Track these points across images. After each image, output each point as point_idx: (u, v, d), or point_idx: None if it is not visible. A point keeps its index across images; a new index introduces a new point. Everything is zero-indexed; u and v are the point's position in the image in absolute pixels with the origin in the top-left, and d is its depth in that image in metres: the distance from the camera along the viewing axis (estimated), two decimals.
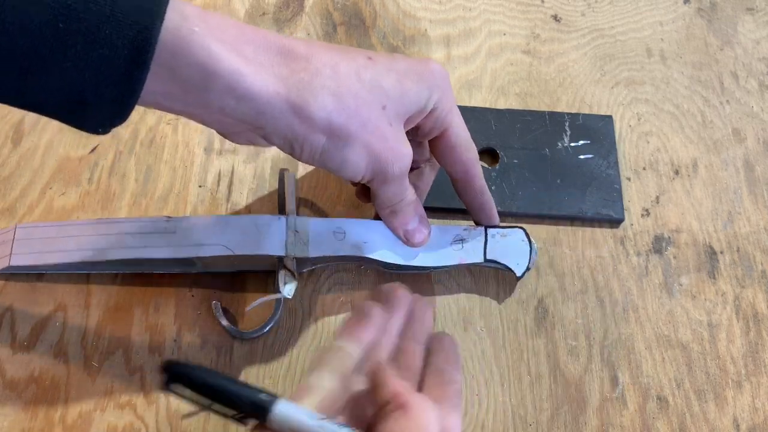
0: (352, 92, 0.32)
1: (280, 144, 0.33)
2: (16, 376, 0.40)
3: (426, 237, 0.40)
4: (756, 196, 0.49)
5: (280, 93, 0.30)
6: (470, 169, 0.39)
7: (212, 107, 0.30)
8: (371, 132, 0.33)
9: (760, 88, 0.54)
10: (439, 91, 0.35)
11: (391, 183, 0.36)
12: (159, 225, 0.40)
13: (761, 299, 0.45)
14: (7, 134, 0.48)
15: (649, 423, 0.40)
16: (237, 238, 0.39)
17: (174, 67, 0.28)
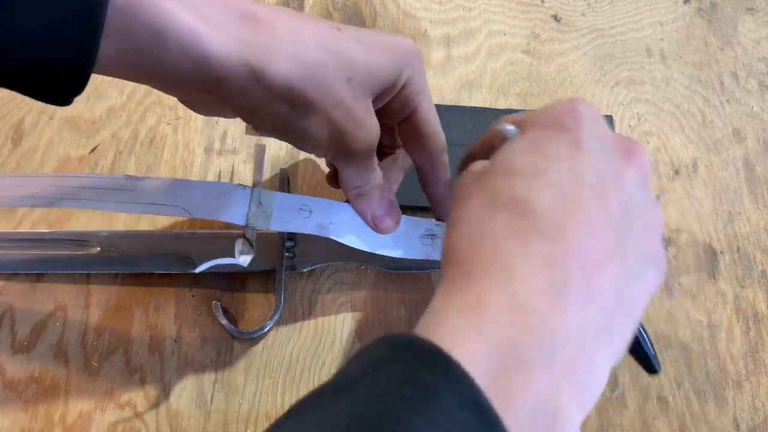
0: (315, 60, 0.30)
1: (242, 113, 0.31)
2: (16, 376, 0.40)
3: (394, 225, 0.38)
4: (756, 196, 0.49)
5: (238, 56, 0.28)
6: (436, 157, 0.37)
7: (167, 70, 0.28)
8: (335, 104, 0.31)
9: (760, 88, 0.54)
10: (410, 68, 0.33)
11: (357, 161, 0.34)
12: (118, 182, 0.38)
13: (761, 299, 0.45)
14: (7, 134, 0.48)
15: (649, 423, 0.40)
16: (196, 201, 0.37)
17: (127, 29, 0.26)
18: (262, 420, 0.39)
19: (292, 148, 0.49)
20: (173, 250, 0.43)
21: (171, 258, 0.43)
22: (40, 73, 0.26)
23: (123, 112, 0.49)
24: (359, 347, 0.22)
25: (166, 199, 0.37)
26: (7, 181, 0.39)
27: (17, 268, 0.43)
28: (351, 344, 0.42)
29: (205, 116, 0.36)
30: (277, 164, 0.48)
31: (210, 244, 0.43)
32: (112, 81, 0.51)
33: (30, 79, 0.27)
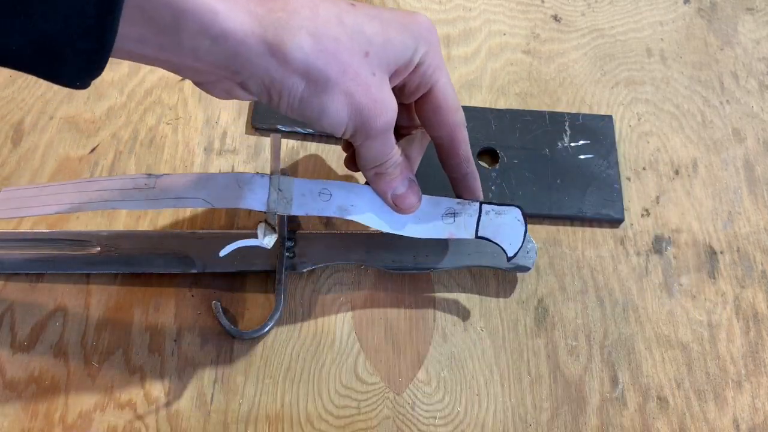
0: (332, 35, 0.30)
1: (258, 91, 0.31)
2: (16, 376, 0.40)
3: (416, 203, 0.38)
4: (756, 196, 0.49)
5: (255, 32, 0.29)
6: (457, 132, 0.37)
7: (185, 50, 0.28)
8: (352, 79, 0.31)
9: (760, 88, 0.54)
10: (427, 44, 0.33)
11: (375, 138, 0.34)
12: (139, 181, 0.38)
13: (761, 299, 0.45)
14: (7, 134, 0.48)
15: (649, 423, 0.40)
16: (217, 192, 0.37)
17: (145, 8, 0.27)
18: (262, 420, 0.39)
19: (292, 148, 0.49)
20: (173, 250, 0.43)
21: (171, 258, 0.43)
22: (59, 55, 0.26)
23: (123, 112, 0.49)
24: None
25: (187, 192, 0.38)
26: (29, 192, 0.40)
27: (17, 268, 0.43)
28: (351, 344, 0.42)
29: (220, 99, 0.35)
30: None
31: (210, 244, 0.43)
32: (112, 81, 0.51)
33: (48, 61, 0.27)
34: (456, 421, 0.40)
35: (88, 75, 0.28)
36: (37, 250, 0.43)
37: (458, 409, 0.40)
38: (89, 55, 0.27)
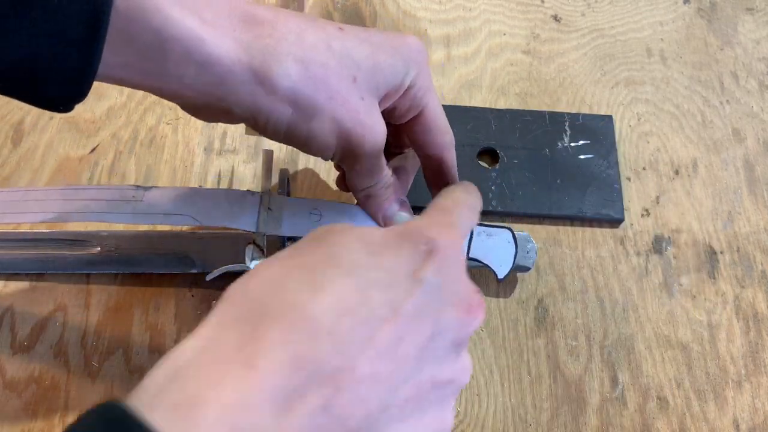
0: (319, 61, 0.30)
1: (245, 117, 0.31)
2: (16, 376, 0.40)
3: None
4: (756, 196, 0.49)
5: (242, 59, 0.28)
6: (445, 153, 0.36)
7: (171, 76, 0.28)
8: (341, 104, 0.30)
9: (760, 88, 0.54)
10: (417, 67, 0.33)
11: (364, 162, 0.33)
12: (126, 193, 0.38)
13: (761, 299, 0.45)
14: (7, 134, 0.48)
15: (649, 423, 0.40)
16: (206, 210, 0.37)
17: (130, 34, 0.26)
18: None
19: (292, 149, 0.49)
20: (173, 250, 0.43)
21: (171, 258, 0.43)
22: (43, 81, 0.26)
23: (123, 112, 0.50)
24: None
25: (176, 208, 0.37)
26: (14, 196, 0.39)
27: (17, 268, 0.43)
28: None
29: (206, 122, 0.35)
30: (277, 164, 0.48)
31: (210, 244, 0.43)
32: None
33: (32, 86, 0.27)
34: (456, 420, 0.40)
35: (72, 100, 0.27)
36: (37, 250, 0.43)
37: (458, 409, 0.40)
38: (72, 80, 0.26)
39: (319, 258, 0.25)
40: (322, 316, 0.23)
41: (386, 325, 0.24)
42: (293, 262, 0.25)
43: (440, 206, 0.31)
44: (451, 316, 0.26)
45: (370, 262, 0.25)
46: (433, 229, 0.27)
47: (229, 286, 0.25)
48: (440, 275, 0.26)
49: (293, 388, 0.21)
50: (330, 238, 0.26)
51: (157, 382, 0.21)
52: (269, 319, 0.22)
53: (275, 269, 0.25)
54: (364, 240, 0.26)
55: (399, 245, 0.26)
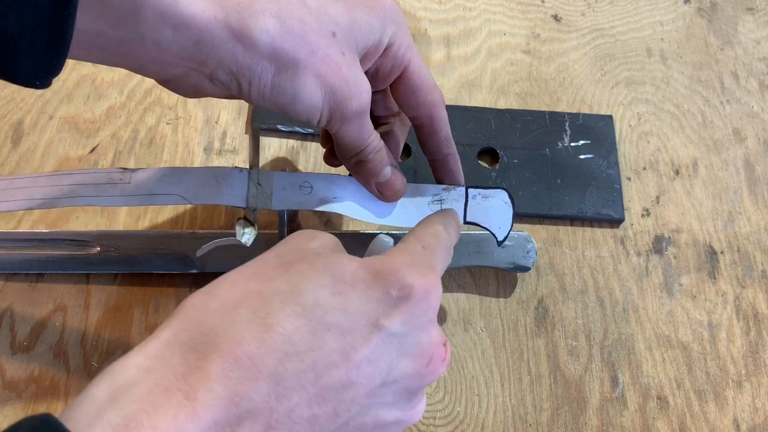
0: (296, 16, 0.29)
1: (227, 80, 0.30)
2: (16, 376, 0.40)
3: (401, 188, 0.36)
4: (756, 196, 0.49)
5: (218, 17, 0.28)
6: (435, 111, 0.36)
7: (147, 42, 0.27)
8: (322, 60, 0.30)
9: (760, 88, 0.54)
10: (394, 24, 0.32)
11: (352, 122, 0.32)
12: (113, 176, 0.37)
13: (761, 299, 0.45)
14: (7, 134, 0.48)
15: (649, 423, 0.40)
16: (194, 188, 0.37)
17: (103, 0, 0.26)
18: None
19: (292, 148, 0.49)
20: (173, 250, 0.43)
21: (171, 258, 0.43)
22: (14, 54, 0.25)
23: (123, 112, 0.50)
24: None
25: (163, 188, 0.37)
26: (1, 184, 0.39)
27: (17, 268, 0.43)
28: None
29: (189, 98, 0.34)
30: (278, 164, 0.48)
31: None
32: (111, 81, 0.51)
33: (5, 59, 0.25)
34: (456, 421, 0.40)
35: (47, 73, 0.26)
36: (37, 250, 0.43)
37: (458, 409, 0.40)
38: (47, 51, 0.25)
39: (282, 288, 0.25)
40: (266, 357, 0.23)
41: (334, 370, 0.24)
42: (254, 286, 0.25)
43: (422, 242, 0.30)
44: (407, 367, 0.26)
45: (332, 302, 0.25)
46: (410, 273, 0.27)
47: (188, 298, 0.25)
48: (405, 326, 0.26)
49: (227, 422, 0.22)
50: (299, 266, 0.26)
51: (98, 399, 0.22)
52: (216, 352, 0.23)
53: (235, 292, 0.25)
54: (335, 275, 0.26)
55: (370, 286, 0.26)
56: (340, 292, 0.25)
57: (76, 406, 0.22)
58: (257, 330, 0.23)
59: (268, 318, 0.24)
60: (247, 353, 0.23)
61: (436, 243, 0.31)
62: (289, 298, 0.25)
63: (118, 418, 0.21)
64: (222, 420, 0.22)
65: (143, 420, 0.21)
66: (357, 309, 0.25)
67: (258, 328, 0.24)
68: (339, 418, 0.24)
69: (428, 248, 0.30)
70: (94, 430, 0.21)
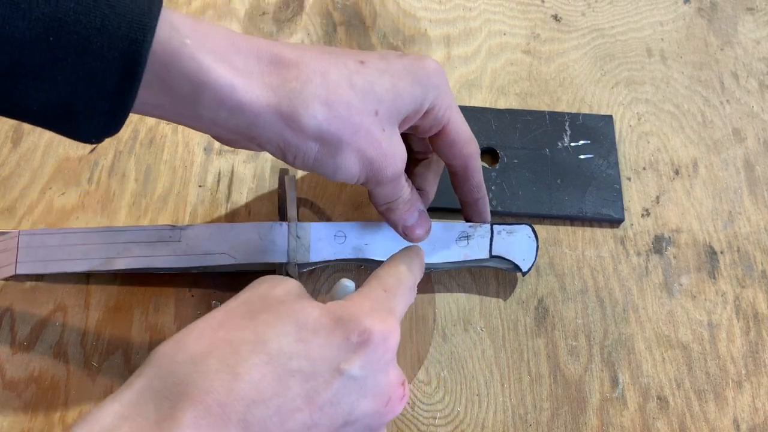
0: (343, 100, 0.31)
1: (273, 151, 0.33)
2: (16, 376, 0.40)
3: (425, 232, 0.39)
4: (756, 196, 0.49)
5: (270, 104, 0.30)
6: (470, 163, 0.39)
7: (203, 119, 0.30)
8: (363, 137, 0.32)
9: (760, 88, 0.54)
10: (435, 90, 0.35)
11: (386, 185, 0.35)
12: (164, 234, 0.40)
13: (761, 299, 0.45)
14: (7, 134, 0.48)
15: (649, 423, 0.40)
16: (240, 246, 0.40)
17: (165, 79, 0.28)
18: None
19: None
20: None
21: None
22: (77, 121, 0.28)
23: None
24: None
25: (212, 247, 0.40)
26: (52, 240, 0.41)
27: None
28: None
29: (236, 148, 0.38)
30: (278, 164, 0.48)
31: None
32: None
33: (66, 124, 0.28)
34: (456, 421, 0.40)
35: (104, 135, 0.29)
36: None
37: (458, 409, 0.40)
38: (106, 120, 0.28)
39: (248, 337, 0.27)
40: (235, 405, 0.25)
41: (298, 414, 0.26)
42: (222, 335, 0.27)
43: (383, 284, 0.32)
44: (367, 407, 0.28)
45: (296, 349, 0.27)
46: (369, 318, 0.28)
47: (159, 347, 0.27)
48: (365, 369, 0.28)
49: None
50: (264, 315, 0.28)
51: None
52: (187, 400, 0.24)
53: (203, 342, 0.27)
54: (298, 322, 0.28)
55: (332, 332, 0.28)
56: (303, 339, 0.27)
57: None
58: (226, 379, 0.25)
59: (236, 367, 0.25)
60: (216, 401, 0.24)
61: (397, 284, 0.33)
62: (255, 347, 0.26)
63: None
64: None
65: None
66: (319, 355, 0.27)
67: (227, 377, 0.25)
68: None
69: (389, 291, 0.32)
70: None
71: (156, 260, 0.40)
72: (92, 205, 0.45)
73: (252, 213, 0.46)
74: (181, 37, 0.28)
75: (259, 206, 0.46)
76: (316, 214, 0.46)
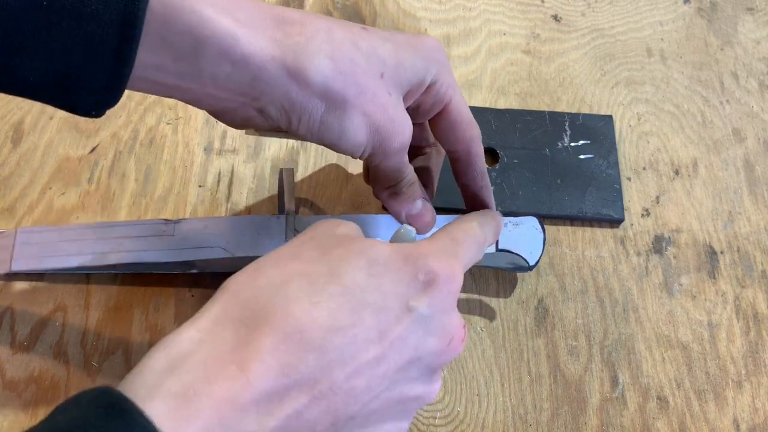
0: (348, 57, 0.31)
1: (277, 115, 0.31)
2: (16, 376, 0.40)
3: (430, 222, 0.38)
4: (756, 196, 0.49)
5: (275, 56, 0.29)
6: (473, 147, 0.37)
7: (205, 77, 0.29)
8: (370, 99, 0.31)
9: (760, 88, 0.54)
10: (437, 64, 0.34)
11: (392, 158, 0.34)
12: (158, 228, 0.40)
13: (761, 299, 0.45)
14: (7, 134, 0.48)
15: (649, 423, 0.40)
16: (235, 239, 0.39)
17: (165, 35, 0.27)
18: None
19: (292, 148, 0.49)
20: None
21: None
22: (75, 89, 0.27)
23: (123, 112, 0.49)
24: None
25: (206, 241, 0.39)
26: (49, 236, 0.41)
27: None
28: None
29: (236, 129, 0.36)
30: (278, 164, 0.48)
31: None
32: None
33: (64, 93, 0.27)
34: (456, 421, 0.40)
35: (105, 105, 0.28)
36: None
37: (458, 409, 0.40)
38: (105, 87, 0.27)
39: (323, 270, 0.27)
40: (313, 332, 0.25)
41: (371, 346, 0.26)
42: (298, 266, 0.27)
43: (451, 234, 0.32)
44: (432, 345, 0.28)
45: (369, 283, 0.27)
46: (436, 260, 0.29)
47: (231, 278, 0.27)
48: (431, 308, 0.28)
49: (276, 392, 0.24)
50: (336, 250, 0.28)
51: (155, 369, 0.23)
52: (265, 325, 0.25)
53: (280, 271, 0.27)
54: (369, 258, 0.28)
55: (401, 269, 0.28)
56: (374, 274, 0.27)
57: (133, 377, 0.23)
58: (305, 306, 0.25)
59: (314, 296, 0.26)
60: (296, 327, 0.24)
61: (465, 237, 0.32)
62: (331, 279, 0.26)
63: (177, 387, 0.22)
64: (272, 390, 0.23)
65: (201, 389, 0.23)
66: (390, 290, 0.27)
67: (306, 305, 0.25)
68: (371, 390, 0.26)
69: (456, 240, 0.32)
70: (154, 398, 0.22)
71: (150, 254, 0.39)
72: (92, 205, 0.45)
73: (252, 213, 0.46)
74: None
75: (259, 206, 0.46)
76: (316, 214, 0.46)
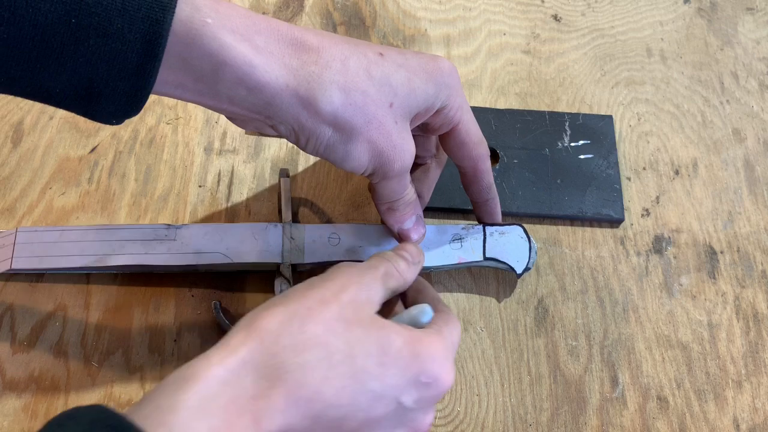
0: (360, 88, 0.32)
1: (287, 134, 0.33)
2: (16, 376, 0.40)
3: (420, 237, 0.40)
4: (756, 196, 0.49)
5: (289, 85, 0.31)
6: (479, 164, 0.39)
7: (222, 97, 0.30)
8: (376, 128, 0.33)
9: (760, 88, 0.54)
10: (448, 89, 0.35)
11: (392, 179, 0.36)
12: (159, 232, 0.41)
13: (761, 299, 0.45)
14: (7, 134, 0.48)
15: (649, 423, 0.40)
16: (235, 245, 0.40)
17: (186, 58, 0.28)
18: None
19: (292, 148, 0.49)
20: None
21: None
22: (98, 100, 0.28)
23: None
24: None
25: (206, 246, 0.41)
26: (49, 236, 0.41)
27: None
28: None
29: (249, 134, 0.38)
30: (278, 164, 0.48)
31: None
32: None
33: (86, 104, 0.29)
34: (456, 421, 0.40)
35: (125, 115, 0.29)
36: None
37: (458, 409, 0.40)
38: (127, 100, 0.28)
39: (341, 347, 0.29)
40: (317, 403, 0.27)
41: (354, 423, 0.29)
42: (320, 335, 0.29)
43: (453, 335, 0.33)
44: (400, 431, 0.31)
45: (376, 372, 0.29)
46: (442, 367, 0.30)
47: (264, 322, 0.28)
48: (416, 404, 0.30)
49: None
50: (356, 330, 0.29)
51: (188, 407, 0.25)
52: (283, 386, 0.27)
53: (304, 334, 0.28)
54: (383, 347, 0.30)
55: (407, 366, 0.30)
56: (383, 363, 0.29)
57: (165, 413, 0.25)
58: (318, 380, 0.28)
59: (328, 371, 0.28)
60: (305, 396, 0.27)
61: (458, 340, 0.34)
62: (345, 360, 0.28)
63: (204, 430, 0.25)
64: None
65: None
66: (390, 382, 0.29)
67: (319, 379, 0.28)
68: None
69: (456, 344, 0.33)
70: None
71: (151, 258, 0.40)
72: (92, 205, 0.45)
73: (252, 213, 0.46)
74: (202, 16, 0.28)
75: (259, 206, 0.46)
76: (316, 214, 0.46)
